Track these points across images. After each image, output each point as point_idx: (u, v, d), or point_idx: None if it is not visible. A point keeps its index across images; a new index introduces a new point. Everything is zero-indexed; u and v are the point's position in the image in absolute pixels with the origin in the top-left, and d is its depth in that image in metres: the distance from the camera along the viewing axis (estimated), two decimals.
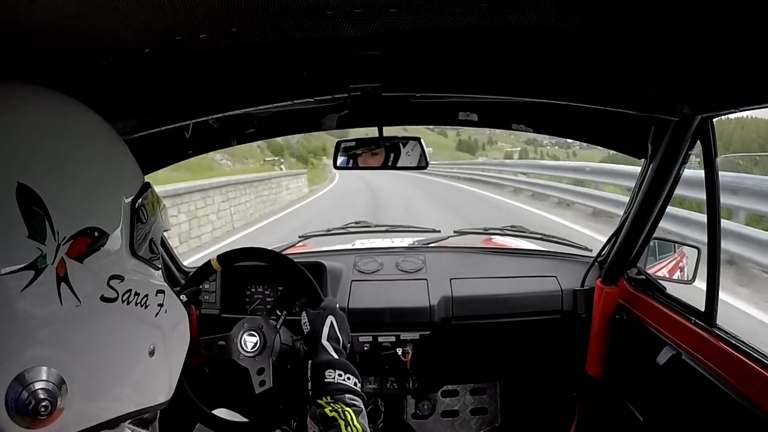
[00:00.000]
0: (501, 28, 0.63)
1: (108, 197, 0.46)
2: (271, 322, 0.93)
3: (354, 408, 0.74)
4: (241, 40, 0.63)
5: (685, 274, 1.16)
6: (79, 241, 0.41)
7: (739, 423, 0.78)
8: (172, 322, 0.55)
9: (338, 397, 0.75)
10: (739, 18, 0.55)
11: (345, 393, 0.76)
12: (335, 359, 0.82)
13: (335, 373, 0.79)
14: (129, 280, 0.46)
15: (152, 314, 0.50)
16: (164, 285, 0.54)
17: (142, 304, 0.48)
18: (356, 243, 1.81)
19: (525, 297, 1.35)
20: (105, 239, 0.44)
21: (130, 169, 0.51)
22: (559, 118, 1.09)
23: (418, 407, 1.55)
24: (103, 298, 0.44)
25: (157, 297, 0.51)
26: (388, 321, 1.31)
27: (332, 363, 0.81)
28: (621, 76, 0.80)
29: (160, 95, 0.80)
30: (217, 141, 1.20)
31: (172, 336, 0.55)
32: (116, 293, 0.45)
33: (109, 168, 0.48)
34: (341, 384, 0.78)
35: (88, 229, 0.42)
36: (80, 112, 0.48)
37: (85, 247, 0.42)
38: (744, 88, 0.69)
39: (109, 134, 0.50)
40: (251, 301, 1.32)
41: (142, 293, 0.48)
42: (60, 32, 0.51)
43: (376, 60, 0.76)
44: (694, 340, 0.92)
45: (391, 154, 1.04)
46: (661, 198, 1.04)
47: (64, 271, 0.40)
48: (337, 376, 0.78)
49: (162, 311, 0.52)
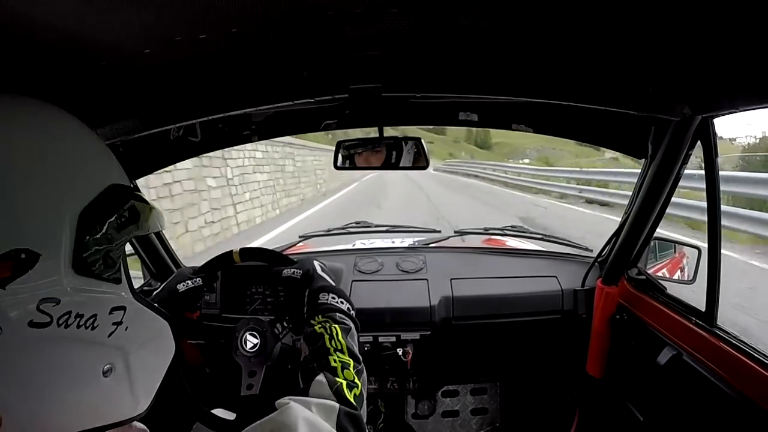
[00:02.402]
0: (501, 28, 0.63)
1: (42, 212, 0.41)
2: (275, 331, 0.93)
3: (342, 326, 0.76)
4: (241, 40, 0.63)
5: (686, 274, 1.16)
6: (1, 266, 0.37)
7: (739, 423, 0.78)
8: (138, 337, 0.51)
9: (329, 315, 0.77)
10: (739, 18, 0.55)
11: (336, 312, 0.78)
12: (331, 285, 0.86)
13: (329, 296, 0.81)
14: (68, 301, 0.42)
15: (104, 334, 0.46)
16: (127, 299, 0.49)
17: (88, 325, 0.44)
18: (356, 243, 1.81)
19: (525, 297, 1.35)
20: (35, 260, 0.39)
21: (83, 175, 0.46)
22: (560, 118, 1.09)
23: (419, 407, 1.55)
24: (33, 324, 0.39)
25: (113, 315, 0.47)
26: (389, 321, 1.31)
27: (327, 288, 0.84)
28: (621, 76, 0.80)
29: (160, 96, 0.80)
30: (217, 141, 1.20)
31: (140, 351, 0.51)
32: (49, 317, 0.40)
33: (47, 177, 0.42)
34: (333, 305, 0.79)
35: (12, 251, 0.38)
36: (18, 112, 0.43)
37: (8, 271, 0.37)
38: (744, 88, 0.69)
39: (58, 136, 0.45)
40: (251, 301, 1.32)
41: (87, 314, 0.44)
42: (59, 33, 0.51)
43: (377, 60, 0.76)
44: (694, 340, 0.92)
45: (392, 154, 1.04)
46: (662, 198, 1.04)
47: None
48: (331, 299, 0.80)
49: (120, 329, 0.48)
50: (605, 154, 57.08)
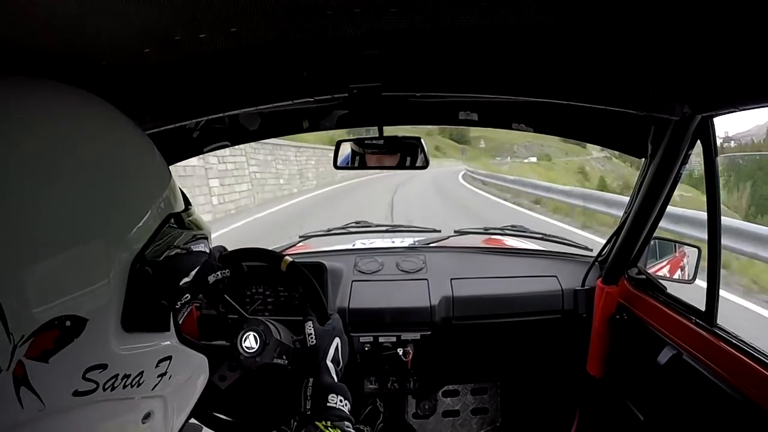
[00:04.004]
0: (501, 27, 0.63)
1: (90, 273, 0.35)
2: (297, 344, 0.91)
3: None
4: (241, 40, 0.63)
5: (686, 273, 1.16)
6: (42, 338, 0.32)
7: (739, 422, 0.78)
8: (179, 381, 0.48)
9: (338, 424, 0.75)
10: (739, 17, 0.55)
11: (344, 420, 0.76)
12: (337, 383, 0.82)
13: (337, 399, 0.78)
14: (116, 364, 0.37)
15: (148, 388, 0.42)
16: (173, 347, 0.45)
17: (134, 384, 0.40)
18: (357, 243, 1.81)
19: (526, 297, 1.35)
20: (81, 326, 0.34)
21: (139, 205, 0.39)
22: (560, 117, 1.09)
23: (419, 407, 1.55)
24: (77, 393, 0.35)
25: (159, 367, 0.43)
26: (389, 321, 1.31)
27: (334, 387, 0.81)
28: (621, 76, 0.80)
29: (160, 95, 0.80)
30: (215, 141, 1.19)
31: (179, 391, 0.48)
32: (95, 384, 0.36)
33: (97, 227, 0.36)
34: (342, 411, 0.78)
35: (56, 320, 0.33)
36: (68, 133, 0.36)
37: (51, 342, 0.33)
38: (744, 87, 0.69)
39: (106, 167, 0.37)
40: (252, 301, 1.32)
41: (134, 372, 0.39)
42: (59, 33, 0.51)
43: (376, 59, 0.76)
44: (694, 340, 0.92)
45: (392, 154, 1.04)
46: (662, 198, 1.04)
47: (23, 374, 0.32)
48: (338, 402, 0.78)
49: (164, 379, 0.44)
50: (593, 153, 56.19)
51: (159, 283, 0.41)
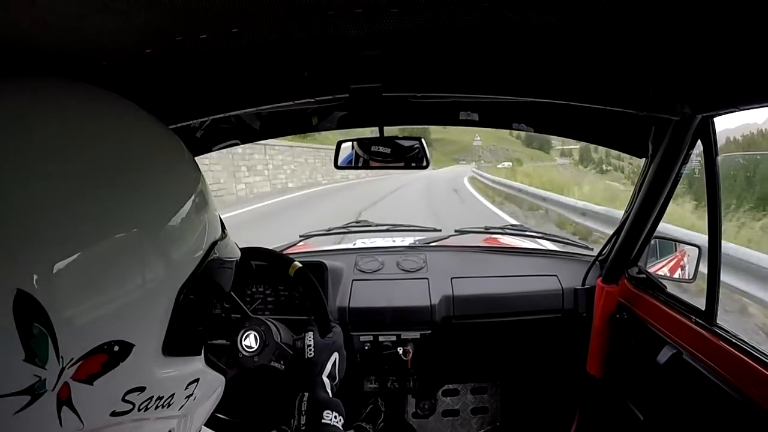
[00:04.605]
0: (502, 27, 0.63)
1: (143, 299, 0.36)
2: (297, 344, 0.91)
3: None
4: (242, 40, 0.63)
5: (686, 272, 1.16)
6: (90, 361, 0.33)
7: (739, 422, 0.78)
8: (201, 401, 0.48)
9: None
10: (740, 18, 0.55)
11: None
12: (332, 399, 0.82)
13: (332, 415, 0.78)
14: (152, 387, 0.39)
15: (176, 408, 0.43)
16: (201, 370, 0.46)
17: (165, 405, 0.41)
18: (357, 242, 1.81)
19: (526, 296, 1.35)
20: (128, 351, 0.35)
21: (190, 233, 0.40)
22: (560, 117, 1.09)
23: (419, 406, 1.55)
24: (114, 413, 0.36)
25: (188, 389, 0.44)
26: (389, 320, 1.31)
27: (329, 403, 0.80)
28: (622, 76, 0.80)
29: (160, 96, 0.80)
30: (215, 141, 1.20)
31: (197, 410, 0.49)
32: (132, 405, 0.37)
33: (160, 255, 0.36)
34: (336, 428, 0.78)
35: (105, 344, 0.34)
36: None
37: (98, 366, 0.34)
38: (744, 87, 0.69)
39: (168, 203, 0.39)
40: (252, 301, 1.32)
41: (166, 395, 0.41)
42: (60, 33, 0.51)
43: (377, 60, 0.76)
44: (694, 339, 0.92)
45: (393, 154, 1.04)
46: (662, 197, 1.04)
47: (68, 395, 0.33)
48: (334, 418, 0.78)
49: (190, 400, 0.45)
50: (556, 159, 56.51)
51: (199, 309, 0.42)
